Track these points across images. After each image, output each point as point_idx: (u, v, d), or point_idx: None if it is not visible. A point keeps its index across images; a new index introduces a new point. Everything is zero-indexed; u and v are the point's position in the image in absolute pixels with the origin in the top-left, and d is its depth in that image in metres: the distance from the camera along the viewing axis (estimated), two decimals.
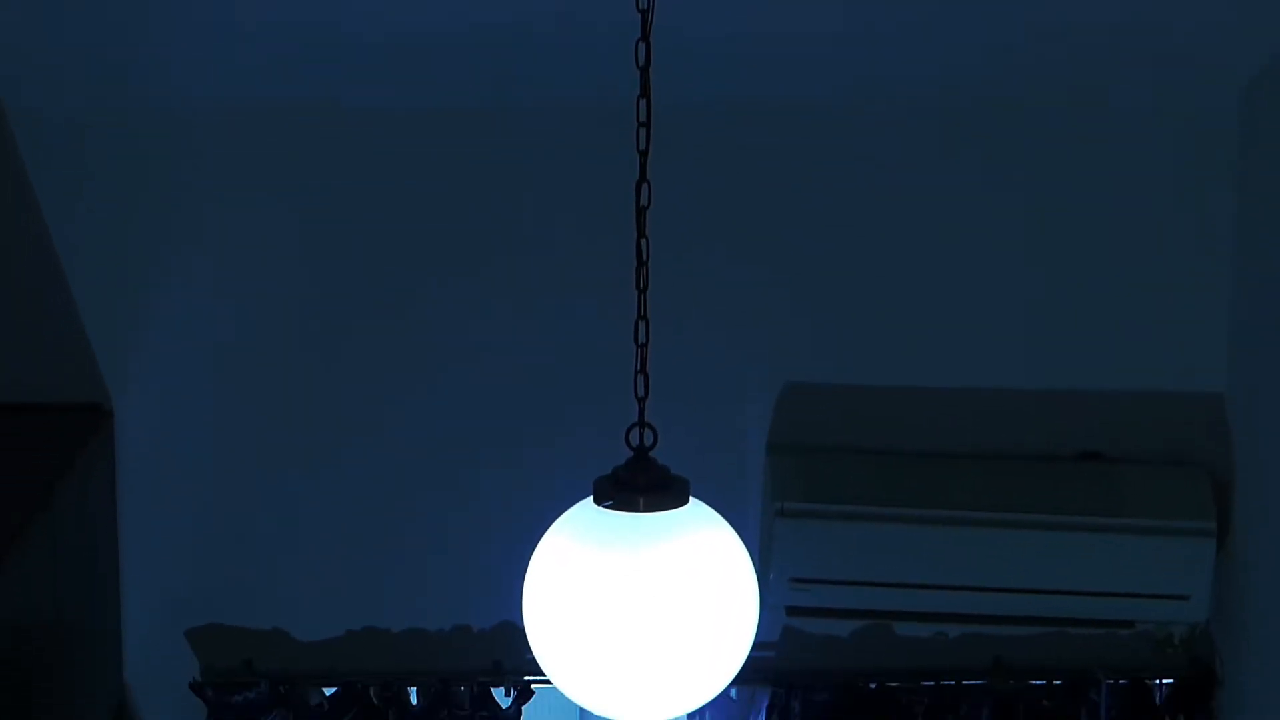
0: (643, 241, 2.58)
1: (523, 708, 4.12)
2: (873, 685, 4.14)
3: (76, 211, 3.91)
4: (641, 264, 2.59)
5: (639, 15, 2.49)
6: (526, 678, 4.09)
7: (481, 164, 3.95)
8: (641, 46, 2.50)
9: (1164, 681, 4.12)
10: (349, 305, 4.07)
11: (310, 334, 4.09)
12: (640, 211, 2.57)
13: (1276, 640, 3.72)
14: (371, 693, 4.11)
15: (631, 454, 2.60)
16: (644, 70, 2.51)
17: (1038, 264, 4.06)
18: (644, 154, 2.55)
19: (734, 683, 2.79)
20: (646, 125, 2.54)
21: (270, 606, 4.19)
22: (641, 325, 2.60)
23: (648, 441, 2.61)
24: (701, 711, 4.16)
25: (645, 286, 2.61)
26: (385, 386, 4.11)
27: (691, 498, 2.61)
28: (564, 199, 3.96)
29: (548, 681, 3.63)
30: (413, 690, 4.14)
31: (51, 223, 3.91)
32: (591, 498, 2.61)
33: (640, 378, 2.61)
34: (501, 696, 4.13)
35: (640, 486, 2.57)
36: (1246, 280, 3.92)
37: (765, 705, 4.14)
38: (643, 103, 2.53)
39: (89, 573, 4.02)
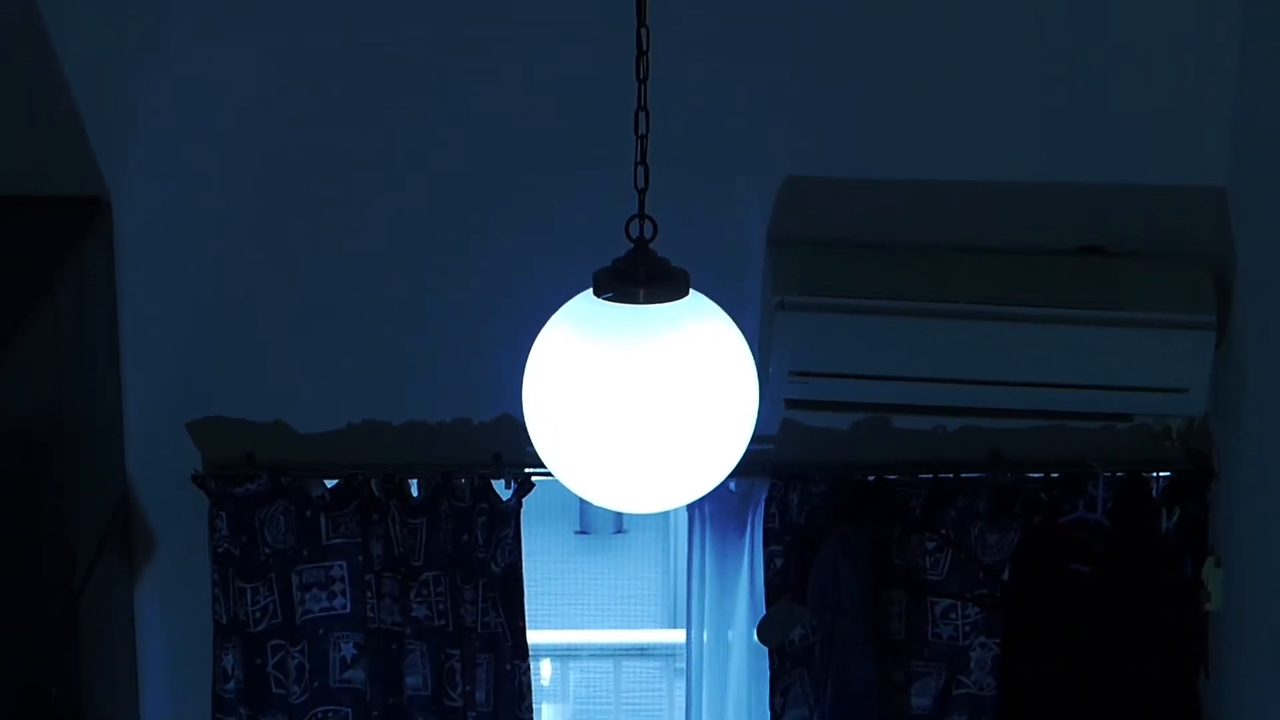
0: (643, 31, 2.55)
1: (523, 500, 4.14)
2: (871, 478, 4.17)
3: None
4: (642, 53, 2.56)
5: None
6: (526, 470, 4.12)
7: None
8: None
9: (1161, 474, 4.15)
10: (349, 89, 4.04)
11: (310, 122, 4.06)
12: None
13: (1273, 433, 3.74)
14: (372, 485, 4.14)
15: (631, 246, 2.59)
16: None
17: (1041, 57, 4.03)
18: None
19: (733, 475, 2.81)
20: None
21: (271, 399, 4.20)
22: (642, 116, 2.58)
23: (647, 234, 2.59)
24: (700, 503, 4.19)
25: (645, 77, 2.58)
26: (386, 176, 4.09)
27: (691, 290, 2.60)
28: None
29: (548, 474, 3.66)
30: (413, 482, 4.17)
31: (46, 9, 3.87)
32: (591, 290, 2.60)
33: (640, 169, 2.59)
34: (501, 489, 4.16)
35: (640, 278, 2.56)
36: (1251, 73, 3.89)
37: (764, 497, 4.17)
38: None
39: (90, 367, 4.03)
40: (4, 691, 3.30)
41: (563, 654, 6.70)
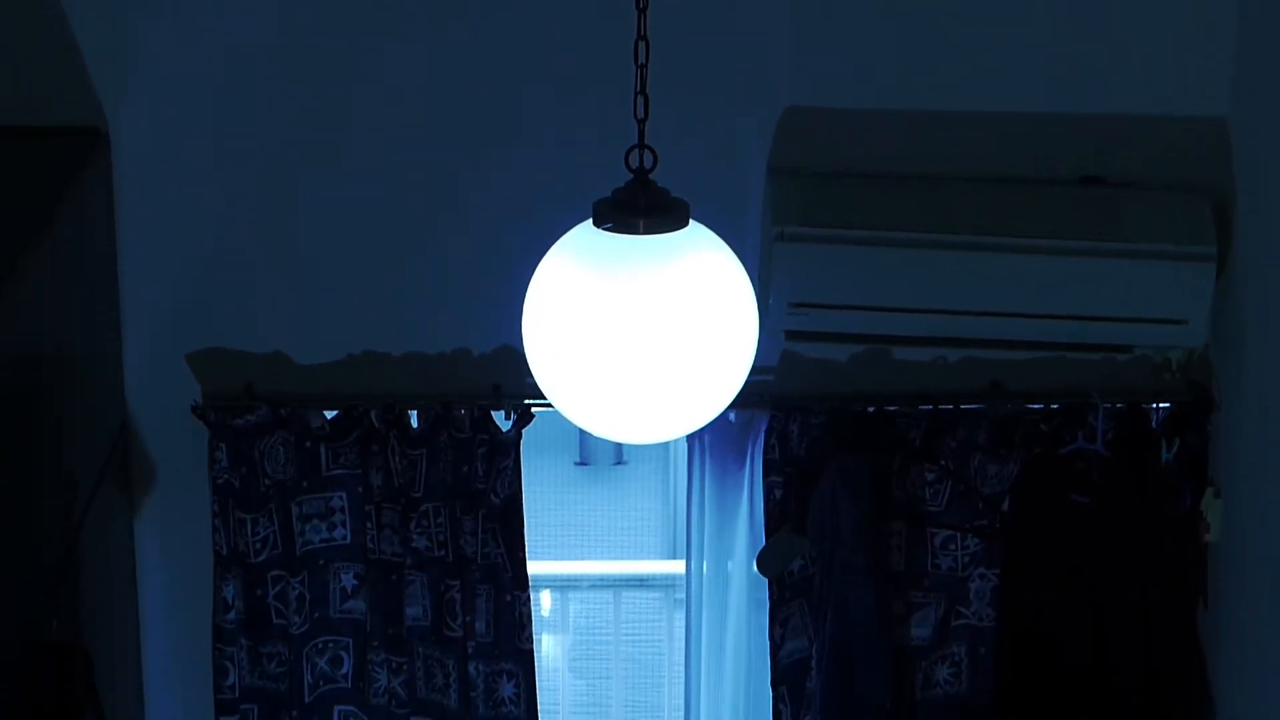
0: None
1: (522, 431, 4.15)
2: (870, 409, 4.17)
3: None
4: None
5: None
6: (526, 401, 4.12)
7: None
8: None
9: (1161, 405, 4.16)
10: (348, 19, 4.02)
11: (310, 52, 4.04)
12: None
13: (1273, 364, 3.74)
14: (372, 416, 4.14)
15: (631, 176, 2.59)
16: None
17: None
18: None
19: (732, 406, 2.81)
20: None
21: (270, 331, 4.20)
22: (641, 46, 2.57)
23: (647, 164, 2.59)
24: (700, 434, 4.20)
25: (645, 6, 2.57)
26: (385, 107, 4.07)
27: (691, 220, 2.60)
28: None
29: (548, 405, 3.67)
30: (413, 414, 4.17)
31: None
32: (591, 220, 2.60)
33: (640, 99, 2.58)
34: (501, 420, 4.16)
35: (640, 209, 2.56)
36: (1252, 3, 3.87)
37: (764, 428, 4.17)
38: None
39: (89, 298, 4.02)
40: (4, 624, 3.30)
41: (562, 585, 6.71)
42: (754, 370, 2.67)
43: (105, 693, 3.86)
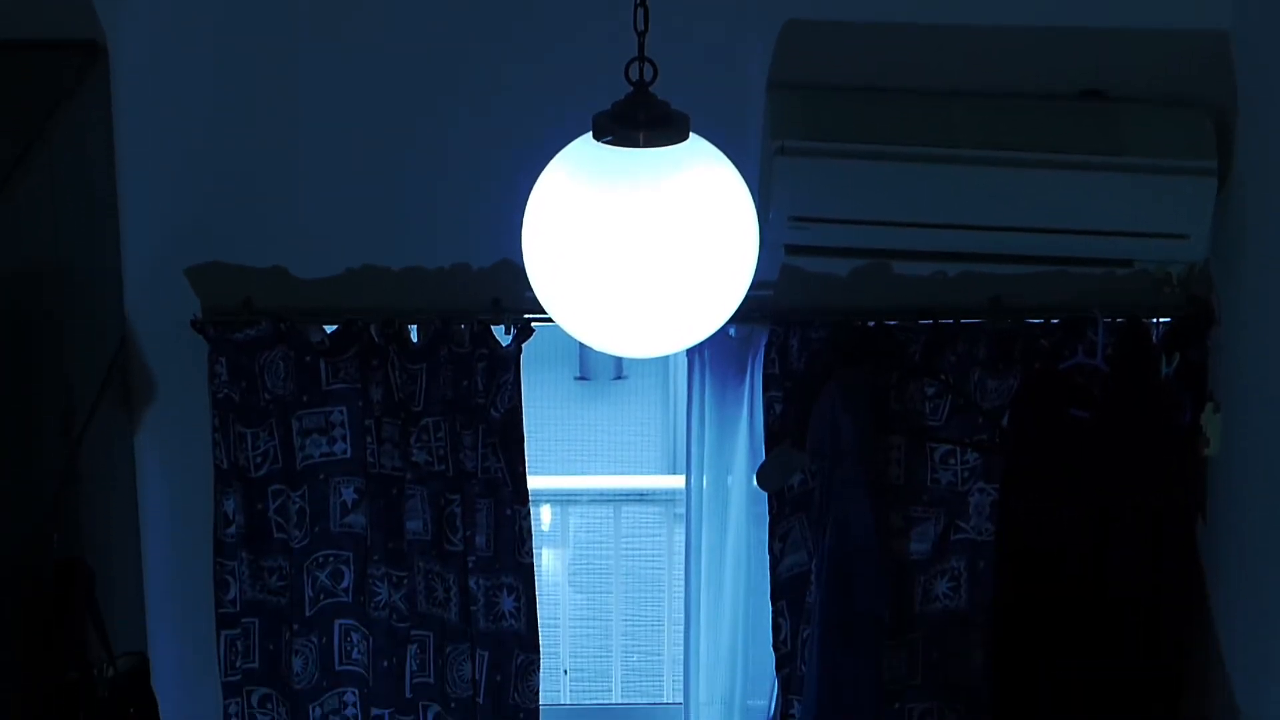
0: None
1: (522, 345, 4.15)
2: (870, 323, 4.16)
3: None
4: None
5: None
6: (526, 316, 4.11)
7: None
8: None
9: (1161, 320, 4.15)
10: None
11: None
12: None
13: (1273, 279, 3.74)
14: (372, 330, 4.14)
15: (631, 89, 2.58)
16: None
17: None
18: None
19: (732, 321, 2.81)
20: None
21: (270, 244, 4.19)
22: None
23: (647, 77, 2.58)
24: (700, 349, 4.19)
25: None
26: (383, 19, 4.05)
27: (691, 133, 2.59)
28: None
29: (547, 319, 3.66)
30: (413, 328, 4.17)
31: None
32: (590, 133, 2.59)
33: (640, 11, 2.57)
34: (501, 334, 4.16)
35: (640, 121, 2.56)
36: None
37: (764, 343, 4.17)
38: None
39: (88, 212, 4.01)
40: (6, 539, 3.31)
41: (563, 500, 6.73)
42: (754, 285, 2.67)
43: (106, 607, 3.87)
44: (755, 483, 4.23)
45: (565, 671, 6.28)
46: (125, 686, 3.87)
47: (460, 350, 4.13)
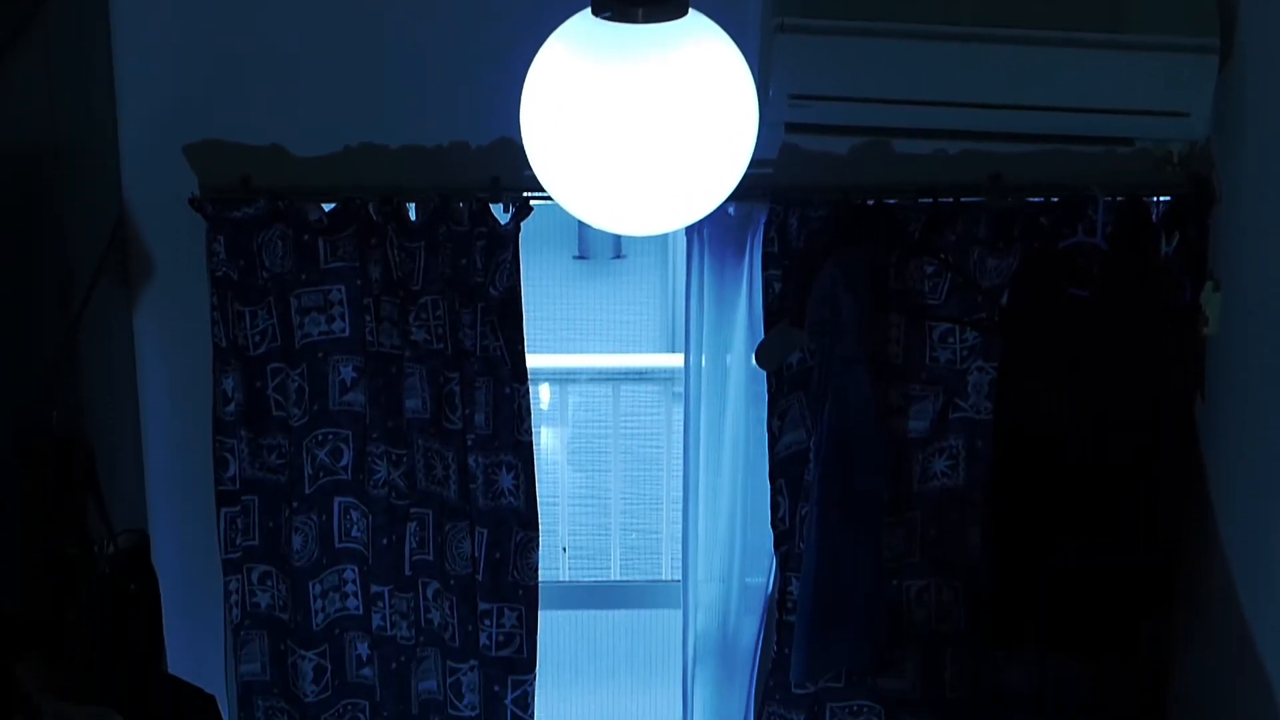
0: None
1: (521, 224, 4.14)
2: (870, 202, 4.15)
3: None
4: None
5: None
6: (525, 194, 4.10)
7: None
8: None
9: (1161, 199, 4.14)
10: None
11: None
12: None
13: (1274, 158, 3.72)
14: (370, 208, 4.12)
15: None
16: None
17: None
18: None
19: (731, 199, 2.80)
20: None
21: (268, 122, 4.17)
22: None
23: None
24: (699, 227, 4.19)
25: None
26: None
27: (691, 9, 2.57)
28: None
29: (546, 198, 3.66)
30: (411, 206, 4.16)
31: None
32: (589, 9, 2.57)
33: None
34: (500, 213, 4.15)
35: None
36: None
37: (763, 221, 4.16)
38: None
39: (84, 90, 3.99)
40: (5, 417, 3.32)
41: (561, 378, 6.74)
42: (753, 163, 2.66)
43: (106, 485, 3.89)
44: (754, 361, 4.24)
45: (564, 549, 6.32)
46: (125, 563, 3.89)
47: (459, 228, 4.12)
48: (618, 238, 9.47)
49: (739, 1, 4.00)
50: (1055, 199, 4.14)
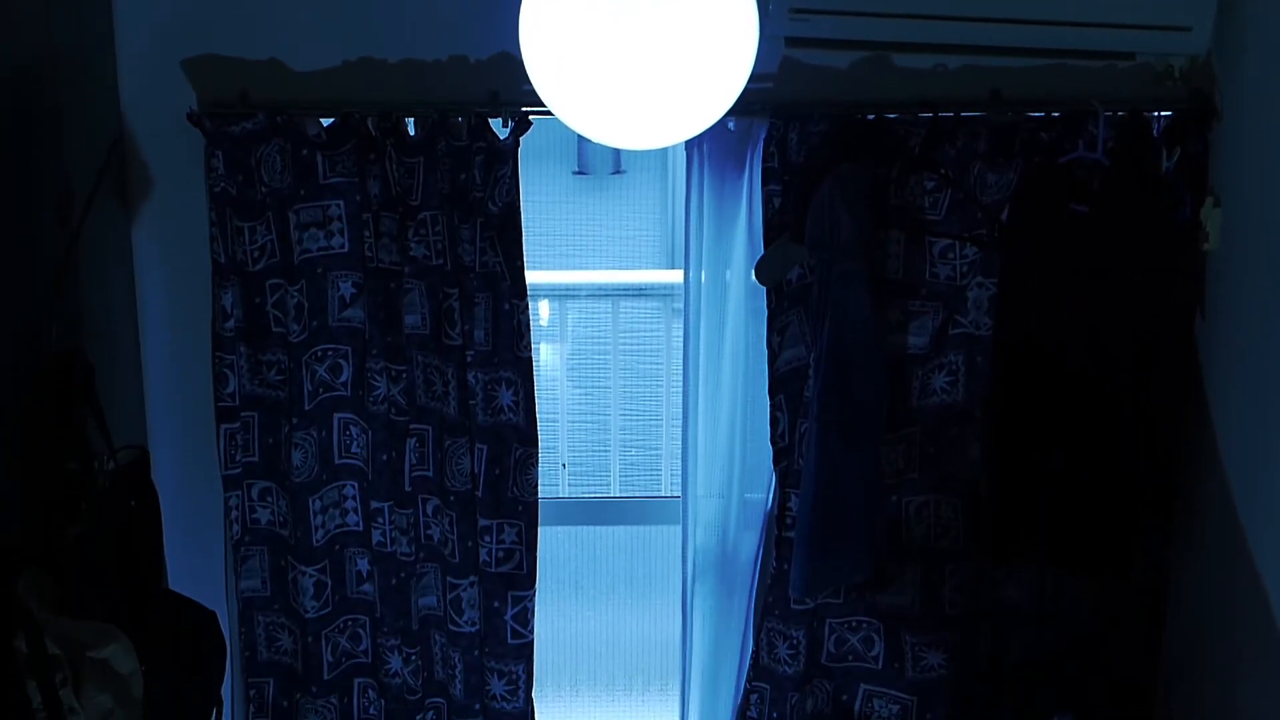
0: None
1: (520, 139, 4.12)
2: (870, 116, 4.14)
3: None
4: None
5: None
6: (524, 109, 4.09)
7: None
8: None
9: (1162, 114, 4.12)
10: None
11: None
12: None
13: (1275, 72, 3.71)
14: (369, 123, 4.11)
15: None
16: None
17: None
18: None
19: (731, 113, 2.80)
20: None
21: (266, 37, 4.15)
22: None
23: None
24: (699, 141, 4.17)
25: None
26: None
27: None
28: None
29: (546, 112, 3.64)
30: (410, 121, 4.15)
31: None
32: None
33: None
34: (499, 127, 4.14)
35: None
36: None
37: (763, 136, 4.15)
38: None
39: (82, 4, 3.97)
40: (5, 331, 3.32)
41: (561, 294, 6.73)
42: (754, 77, 2.66)
43: (106, 401, 3.89)
44: (754, 277, 4.23)
45: (564, 465, 6.33)
46: (125, 479, 3.90)
47: (458, 143, 4.11)
48: (617, 153, 9.43)
49: None
50: (1056, 114, 4.12)
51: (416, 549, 4.44)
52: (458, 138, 4.10)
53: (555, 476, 6.17)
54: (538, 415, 4.32)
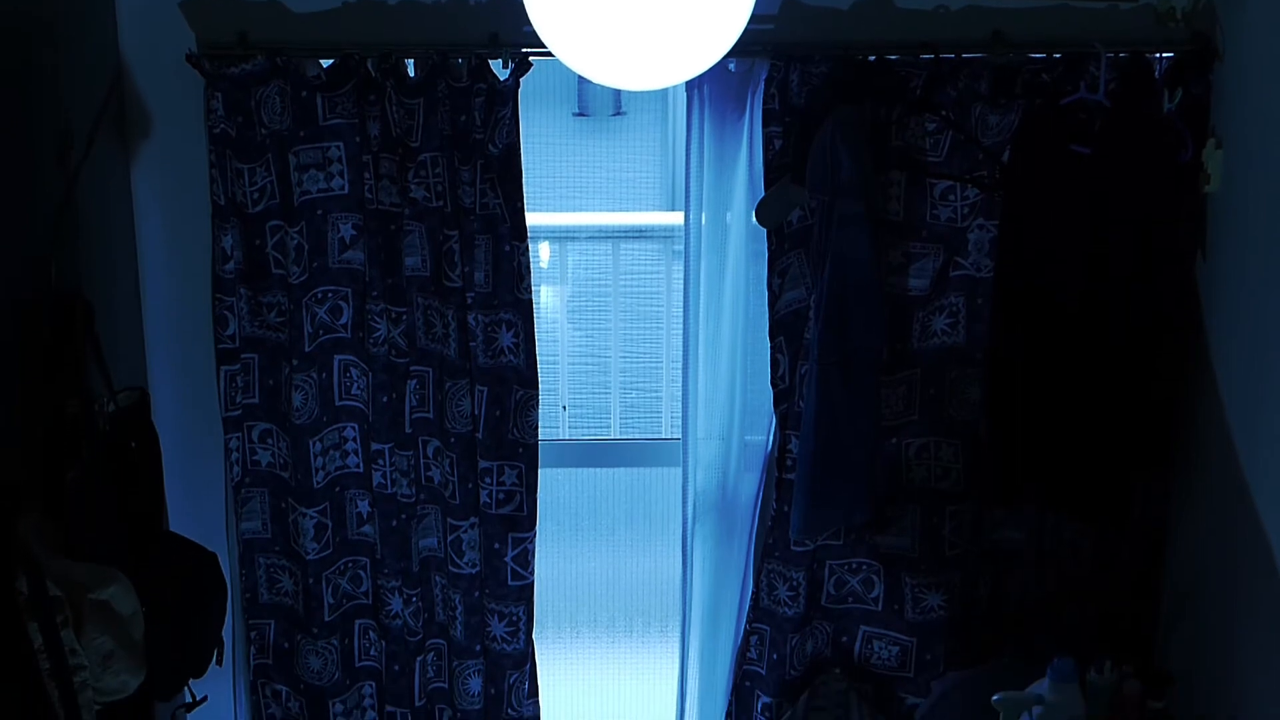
0: None
1: (520, 80, 4.11)
2: (871, 58, 4.12)
3: None
4: None
5: None
6: (524, 50, 4.07)
7: None
8: None
9: (1164, 55, 4.11)
10: None
11: None
12: None
13: (1277, 13, 3.69)
14: (369, 64, 4.10)
15: None
16: None
17: None
18: None
19: (732, 54, 2.78)
20: None
21: None
22: None
23: None
24: (699, 82, 4.16)
25: None
26: None
27: None
28: None
29: (546, 54, 3.63)
30: (410, 62, 4.13)
31: None
32: None
33: None
34: (499, 69, 4.12)
35: None
36: None
37: (763, 78, 4.14)
38: None
39: None
40: (5, 272, 3.32)
41: (561, 236, 6.72)
42: (754, 18, 2.65)
43: (106, 342, 3.89)
44: (754, 218, 4.23)
45: (564, 407, 6.33)
46: (126, 421, 3.91)
47: (458, 85, 4.10)
48: (618, 94, 9.41)
49: None
50: (1057, 55, 4.11)
51: (417, 491, 4.45)
52: (458, 79, 4.09)
53: (555, 418, 6.17)
54: (538, 357, 4.32)
